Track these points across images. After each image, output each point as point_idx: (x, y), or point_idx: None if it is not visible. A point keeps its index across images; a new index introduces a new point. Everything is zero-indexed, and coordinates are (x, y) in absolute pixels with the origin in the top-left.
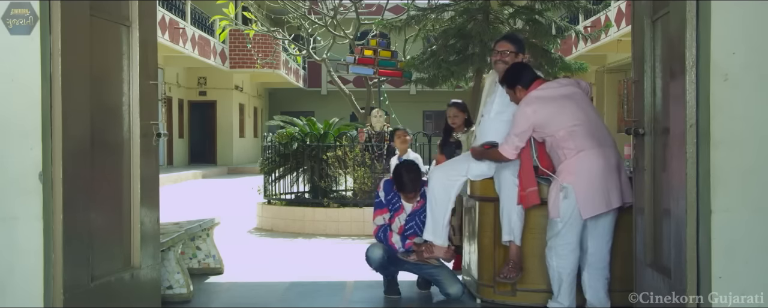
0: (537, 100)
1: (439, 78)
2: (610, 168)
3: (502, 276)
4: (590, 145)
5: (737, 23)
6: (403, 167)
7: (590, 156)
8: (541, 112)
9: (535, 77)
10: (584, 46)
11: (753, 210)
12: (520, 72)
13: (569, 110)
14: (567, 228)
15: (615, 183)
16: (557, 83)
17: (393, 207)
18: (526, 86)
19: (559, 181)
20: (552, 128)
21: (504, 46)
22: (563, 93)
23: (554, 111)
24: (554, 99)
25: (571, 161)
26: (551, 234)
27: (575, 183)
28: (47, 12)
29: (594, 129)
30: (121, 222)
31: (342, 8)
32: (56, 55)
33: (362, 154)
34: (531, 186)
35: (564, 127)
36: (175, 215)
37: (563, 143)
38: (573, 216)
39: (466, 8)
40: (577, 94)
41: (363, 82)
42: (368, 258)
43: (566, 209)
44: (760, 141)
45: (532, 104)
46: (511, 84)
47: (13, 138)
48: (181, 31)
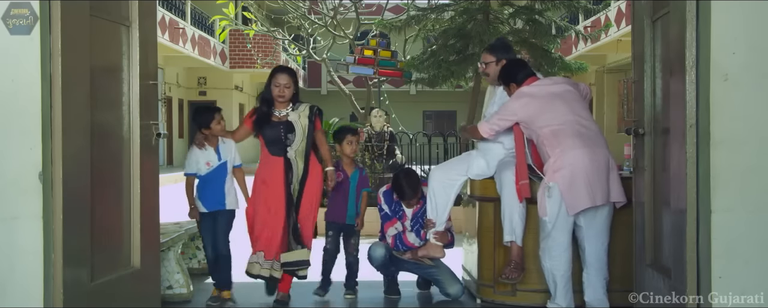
0: (526, 95)
1: (439, 78)
2: (597, 167)
3: (504, 276)
4: (575, 145)
5: (737, 23)
6: (401, 175)
7: (574, 154)
8: (528, 108)
9: (530, 74)
10: (584, 46)
11: (753, 210)
12: (514, 69)
13: (557, 108)
14: (556, 228)
15: (601, 181)
16: (550, 81)
17: (398, 216)
18: (519, 83)
19: (545, 181)
20: (537, 124)
21: (484, 58)
22: (554, 91)
23: (541, 108)
24: (543, 96)
25: (556, 160)
26: (543, 236)
27: (559, 180)
28: (47, 12)
29: (582, 129)
30: (121, 222)
31: (342, 8)
32: (56, 55)
33: (362, 154)
34: (523, 178)
35: (549, 124)
36: (175, 215)
37: (548, 141)
38: (560, 215)
39: (466, 8)
40: (568, 93)
41: (363, 82)
42: (370, 257)
43: (552, 208)
44: (760, 141)
45: (522, 99)
46: (507, 81)
47: (13, 138)
48: (181, 31)
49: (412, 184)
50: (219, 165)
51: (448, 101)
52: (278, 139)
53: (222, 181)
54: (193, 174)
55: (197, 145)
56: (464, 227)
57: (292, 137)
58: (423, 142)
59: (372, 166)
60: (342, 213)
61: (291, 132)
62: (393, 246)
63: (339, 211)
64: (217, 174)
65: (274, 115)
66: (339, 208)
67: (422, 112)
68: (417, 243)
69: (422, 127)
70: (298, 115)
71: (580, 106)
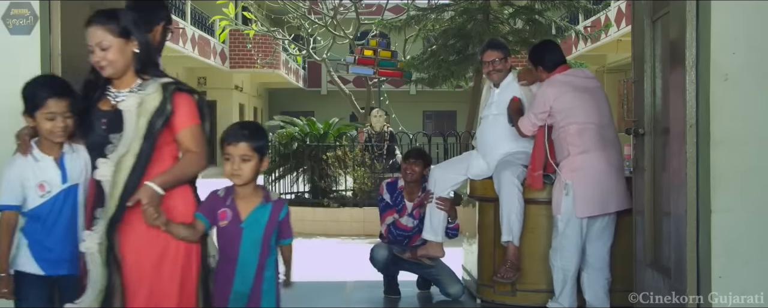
0: (561, 84)
1: (439, 78)
2: (612, 172)
3: (499, 275)
4: (596, 147)
5: (737, 23)
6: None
7: (593, 158)
8: (561, 98)
9: (561, 61)
10: (584, 46)
11: (753, 210)
12: (545, 52)
13: (587, 106)
14: (569, 227)
15: (614, 187)
16: (582, 73)
17: (398, 208)
18: (548, 69)
19: (561, 178)
20: (565, 118)
21: (492, 55)
22: (587, 85)
23: (573, 102)
24: (577, 89)
25: (575, 159)
26: (556, 234)
27: (575, 180)
28: (47, 12)
29: (604, 130)
30: None
31: (342, 8)
32: (56, 55)
33: (362, 153)
34: (538, 169)
35: (577, 122)
36: None
37: (571, 139)
38: (573, 214)
39: (466, 8)
40: (598, 90)
41: (363, 82)
42: (373, 258)
43: (567, 206)
44: (760, 141)
45: (555, 87)
46: (535, 62)
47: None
48: (181, 31)
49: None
50: (63, 191)
51: (448, 101)
52: (98, 142)
53: (67, 221)
54: (12, 208)
55: (22, 150)
56: (464, 227)
57: (115, 139)
58: (423, 142)
59: (372, 166)
60: (225, 291)
61: (116, 130)
62: (386, 233)
63: (221, 289)
64: (61, 206)
65: (106, 97)
66: (221, 285)
67: (422, 112)
68: (410, 225)
69: (422, 127)
70: (140, 100)
71: (605, 104)
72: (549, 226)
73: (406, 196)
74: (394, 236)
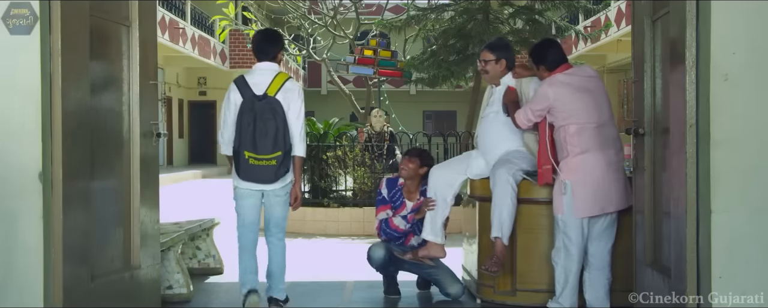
0: (562, 85)
1: (439, 78)
2: (611, 172)
3: (483, 267)
4: (595, 147)
5: (737, 23)
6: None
7: (592, 158)
8: (562, 98)
9: (562, 61)
10: (584, 46)
11: (753, 210)
12: (546, 51)
13: (588, 106)
14: (570, 226)
15: (614, 187)
16: (583, 73)
17: (395, 205)
18: (549, 68)
19: (561, 178)
20: (565, 118)
21: (484, 55)
22: (588, 86)
23: (573, 103)
24: (577, 90)
25: (574, 160)
26: (558, 234)
27: (574, 181)
28: (47, 12)
29: (604, 128)
30: (121, 222)
31: (342, 8)
32: (56, 55)
33: (362, 153)
34: (546, 163)
35: (577, 122)
36: (175, 215)
37: (570, 139)
38: (573, 213)
39: (466, 8)
40: (599, 89)
41: (363, 82)
42: (370, 258)
43: (567, 205)
44: (760, 141)
45: (555, 86)
46: (536, 62)
47: (13, 138)
48: (181, 31)
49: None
50: None
51: (448, 101)
52: None
53: None
54: None
55: None
56: (464, 227)
57: None
58: (423, 142)
59: (372, 166)
60: None
61: None
62: (378, 229)
63: None
64: None
65: None
66: None
67: (422, 112)
68: (402, 227)
69: (422, 127)
70: None
71: (606, 103)
72: (549, 226)
73: (406, 195)
74: (386, 233)
